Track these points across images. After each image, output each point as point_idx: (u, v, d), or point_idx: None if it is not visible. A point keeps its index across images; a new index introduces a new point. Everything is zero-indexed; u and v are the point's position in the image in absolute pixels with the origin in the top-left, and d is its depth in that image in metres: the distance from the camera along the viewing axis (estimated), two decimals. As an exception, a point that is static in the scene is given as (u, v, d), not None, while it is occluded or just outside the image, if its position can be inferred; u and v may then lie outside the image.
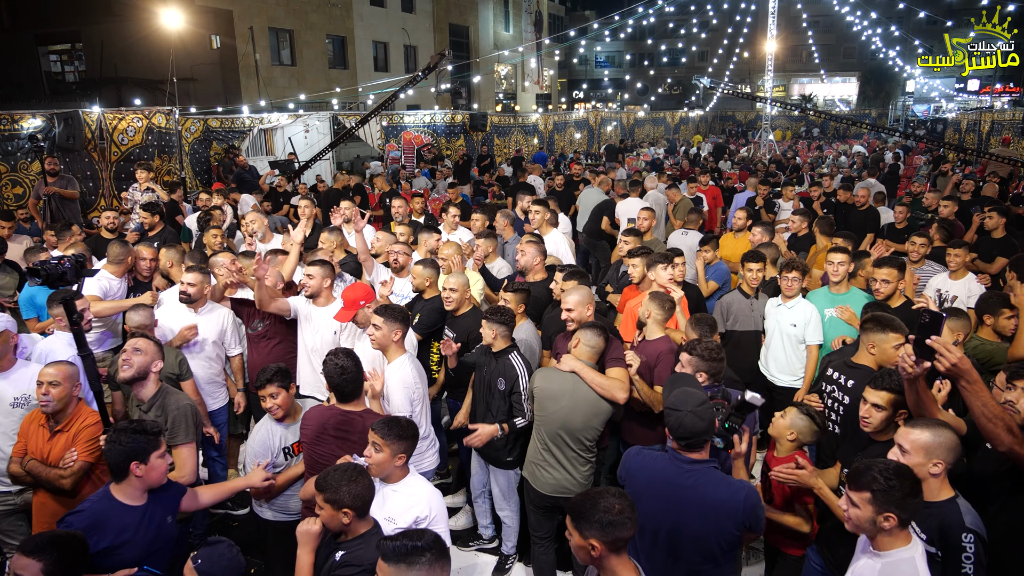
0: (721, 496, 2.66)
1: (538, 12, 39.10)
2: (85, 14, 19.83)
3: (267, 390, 3.48)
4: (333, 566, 2.58)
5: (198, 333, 4.53)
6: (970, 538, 2.42)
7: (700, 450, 2.73)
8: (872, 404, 3.03)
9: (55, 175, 9.05)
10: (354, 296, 4.26)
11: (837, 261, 4.86)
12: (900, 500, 2.26)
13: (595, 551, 2.18)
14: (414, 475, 3.07)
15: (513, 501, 4.18)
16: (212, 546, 2.51)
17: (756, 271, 5.07)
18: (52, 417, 3.42)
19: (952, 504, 2.53)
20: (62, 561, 2.36)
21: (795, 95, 47.63)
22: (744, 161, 21.39)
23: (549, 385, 3.60)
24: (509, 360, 3.88)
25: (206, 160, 13.47)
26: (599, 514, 2.17)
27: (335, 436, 3.27)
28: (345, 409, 3.34)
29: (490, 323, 3.86)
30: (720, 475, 2.74)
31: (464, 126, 19.62)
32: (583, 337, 3.60)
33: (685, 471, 2.69)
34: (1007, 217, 6.54)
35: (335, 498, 2.53)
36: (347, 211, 6.97)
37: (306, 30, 23.47)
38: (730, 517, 2.65)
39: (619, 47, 45.23)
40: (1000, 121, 20.91)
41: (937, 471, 2.51)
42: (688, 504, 2.66)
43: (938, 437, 2.51)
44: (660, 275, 4.70)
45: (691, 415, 2.67)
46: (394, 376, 3.76)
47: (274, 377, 3.48)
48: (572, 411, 3.54)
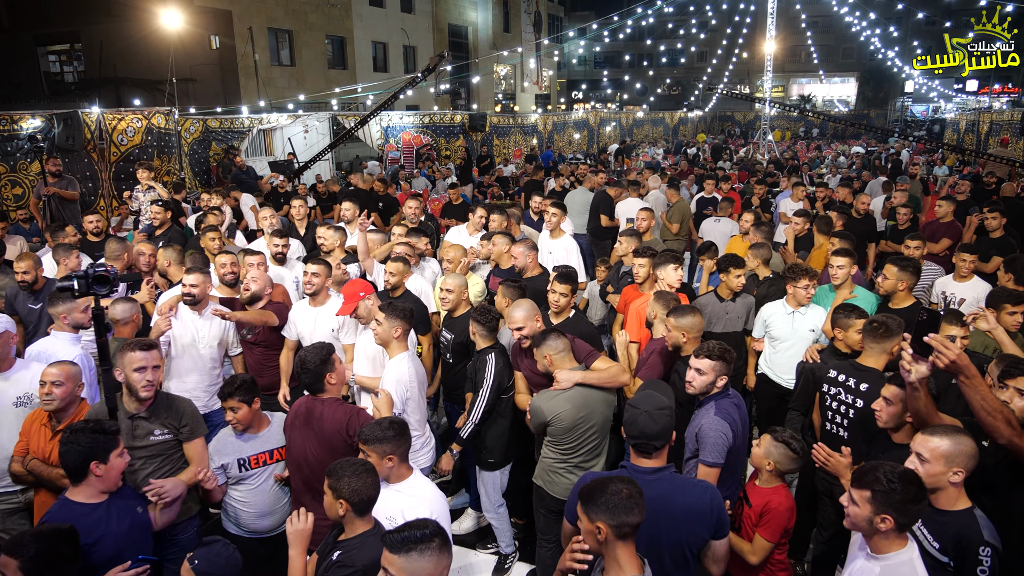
0: (690, 500, 2.64)
1: (537, 12, 39.11)
2: (84, 14, 19.81)
3: (228, 403, 3.43)
4: (329, 565, 2.57)
5: (171, 327, 4.36)
6: (987, 552, 2.39)
7: (657, 456, 2.70)
8: (883, 397, 3.06)
9: (57, 176, 9.05)
10: (353, 290, 4.32)
11: (838, 265, 4.84)
12: (899, 504, 2.23)
13: (601, 535, 2.19)
14: (417, 475, 3.08)
15: (497, 503, 4.18)
16: (208, 546, 2.50)
17: (735, 277, 4.94)
18: (54, 416, 3.43)
19: (970, 515, 2.49)
20: (40, 558, 2.32)
21: (794, 95, 47.67)
22: (743, 161, 21.41)
23: (571, 409, 3.46)
24: (484, 359, 3.97)
25: (205, 160, 13.47)
26: (607, 496, 2.19)
27: (303, 423, 3.45)
28: (311, 398, 3.51)
29: (472, 322, 3.98)
30: (682, 478, 2.72)
31: (463, 126, 19.63)
32: (548, 349, 3.56)
33: (649, 483, 2.58)
34: (1008, 217, 6.57)
35: (336, 486, 2.56)
36: (348, 212, 7.01)
37: (305, 30, 23.47)
38: (700, 520, 2.63)
39: (618, 47, 45.23)
40: (998, 121, 20.95)
41: (957, 479, 2.47)
42: (660, 515, 2.58)
43: (959, 445, 2.47)
44: (670, 275, 4.69)
45: (646, 415, 2.66)
46: (390, 372, 3.80)
47: (237, 391, 3.40)
48: (601, 418, 3.56)
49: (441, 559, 2.09)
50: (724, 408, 3.26)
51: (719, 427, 3.16)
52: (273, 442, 3.57)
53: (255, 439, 3.52)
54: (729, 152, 24.78)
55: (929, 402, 2.78)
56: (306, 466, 3.38)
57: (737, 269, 4.96)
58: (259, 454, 3.51)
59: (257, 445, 3.52)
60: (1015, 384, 2.74)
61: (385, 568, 2.09)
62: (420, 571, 2.05)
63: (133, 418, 3.32)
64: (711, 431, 3.17)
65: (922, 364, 2.60)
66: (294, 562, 2.66)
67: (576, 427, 3.47)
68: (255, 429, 3.54)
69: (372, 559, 2.46)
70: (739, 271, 4.96)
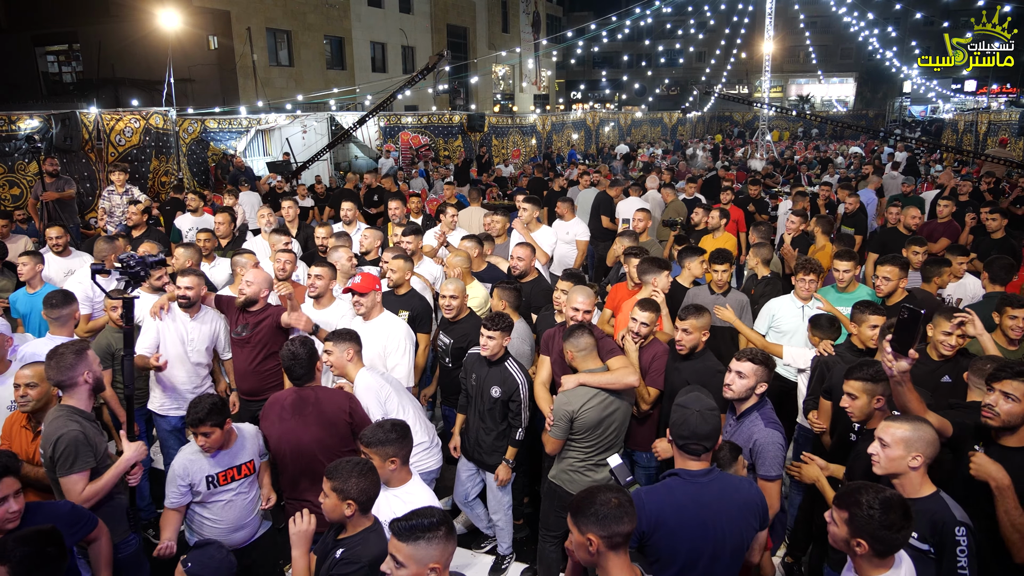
0: (743, 496, 2.65)
1: (536, 13, 39.12)
2: (82, 15, 19.80)
3: (201, 429, 3.21)
4: (333, 563, 2.57)
5: (169, 308, 4.47)
6: (962, 531, 2.42)
7: (703, 457, 2.68)
8: (846, 393, 3.15)
9: (54, 176, 9.03)
10: (373, 277, 4.44)
11: (843, 269, 4.89)
12: (875, 530, 2.16)
13: (592, 546, 2.15)
14: (415, 480, 3.05)
15: (507, 504, 4.20)
16: (201, 548, 2.51)
17: (722, 272, 5.03)
18: (33, 417, 3.41)
19: (938, 499, 2.53)
20: (27, 560, 2.29)
21: (793, 96, 47.70)
22: (741, 162, 21.42)
23: (591, 404, 3.46)
24: (506, 368, 3.88)
25: (203, 161, 13.45)
26: (596, 507, 2.14)
27: (293, 414, 3.47)
28: (296, 389, 3.55)
29: (489, 330, 3.84)
30: (730, 476, 2.73)
31: (462, 127, 19.62)
32: (571, 346, 3.54)
33: (704, 485, 2.62)
34: (1008, 219, 6.57)
35: (343, 488, 2.54)
36: (348, 212, 7.05)
37: (304, 31, 23.45)
38: (754, 514, 2.65)
39: (617, 47, 45.21)
40: (996, 122, 20.95)
41: (916, 464, 2.52)
42: (721, 517, 2.58)
43: (917, 431, 2.53)
44: (660, 281, 4.71)
45: (697, 415, 2.65)
46: (359, 388, 3.73)
47: (208, 416, 3.20)
48: (622, 416, 3.57)
49: (447, 547, 2.14)
50: (770, 417, 3.21)
51: (774, 439, 3.11)
52: (242, 455, 3.43)
53: (224, 454, 3.37)
54: (724, 149, 24.78)
55: (915, 397, 2.79)
56: (305, 453, 3.44)
57: (719, 264, 5.03)
58: (228, 470, 3.37)
59: (226, 460, 3.38)
60: (1000, 387, 2.72)
61: (393, 555, 2.12)
62: (427, 558, 2.09)
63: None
64: (768, 444, 3.10)
65: (902, 360, 2.64)
66: (298, 562, 2.66)
67: (597, 425, 3.47)
68: (225, 445, 3.40)
69: (376, 554, 2.50)
70: (722, 266, 5.02)
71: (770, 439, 3.11)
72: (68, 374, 3.20)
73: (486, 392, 3.91)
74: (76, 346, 3.27)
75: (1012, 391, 2.69)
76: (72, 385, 3.23)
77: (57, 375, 3.20)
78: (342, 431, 3.49)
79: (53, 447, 3.05)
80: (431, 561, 2.09)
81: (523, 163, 20.69)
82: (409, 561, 2.08)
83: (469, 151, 19.42)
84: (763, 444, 3.11)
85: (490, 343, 3.83)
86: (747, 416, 3.25)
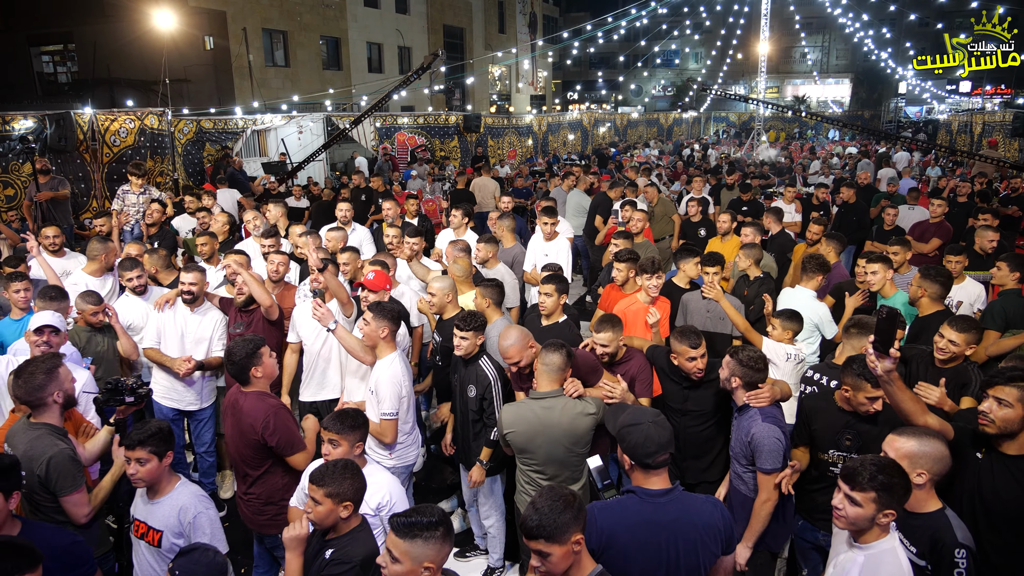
0: (704, 518, 2.50)
1: (532, 13, 39.14)
2: (78, 15, 19.75)
3: (136, 453, 2.75)
4: (323, 564, 2.58)
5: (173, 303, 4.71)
6: (963, 554, 2.41)
7: (662, 472, 2.53)
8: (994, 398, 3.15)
9: (46, 174, 8.99)
10: (385, 276, 4.59)
11: (871, 271, 4.90)
12: (902, 496, 2.31)
13: (545, 557, 2.13)
14: (372, 464, 3.20)
15: (497, 508, 4.11)
16: (187, 554, 2.43)
17: (712, 275, 4.98)
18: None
19: (942, 517, 2.51)
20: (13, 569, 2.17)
21: (788, 97, 47.79)
22: (739, 162, 21.45)
23: (518, 428, 3.31)
24: (479, 366, 3.85)
25: (199, 161, 13.43)
26: (551, 516, 2.10)
27: (231, 412, 3.51)
28: (238, 389, 3.53)
29: (462, 329, 3.79)
30: (691, 496, 2.60)
31: (458, 127, 19.61)
32: (541, 357, 3.34)
33: (661, 505, 2.47)
34: (999, 219, 6.62)
35: (338, 491, 2.55)
36: (347, 213, 7.08)
37: (300, 31, 23.42)
38: (714, 538, 2.50)
39: (613, 48, 45.23)
40: (991, 122, 21.01)
41: (920, 481, 2.49)
42: (678, 539, 2.45)
43: (924, 447, 2.50)
44: (647, 284, 4.73)
45: (653, 425, 2.53)
46: (384, 372, 3.77)
47: (148, 440, 2.76)
48: (552, 445, 3.29)
49: (443, 547, 2.15)
50: (769, 412, 3.23)
51: (771, 433, 3.14)
52: (160, 520, 2.84)
53: (155, 505, 2.86)
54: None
55: (909, 396, 2.80)
56: (236, 453, 3.51)
57: (710, 267, 5.01)
58: (140, 522, 2.92)
59: (145, 513, 2.89)
60: (994, 393, 2.71)
61: (389, 550, 2.13)
62: (422, 557, 2.11)
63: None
64: (765, 438, 3.14)
65: (885, 360, 2.65)
66: (291, 564, 2.67)
67: (518, 446, 3.35)
68: (156, 494, 2.87)
69: (366, 552, 2.53)
70: (712, 269, 5.00)
71: (767, 433, 3.15)
72: (36, 395, 3.07)
73: (465, 391, 3.93)
74: (47, 364, 3.13)
75: (1005, 396, 2.68)
76: (41, 405, 3.11)
77: (25, 395, 3.06)
78: (251, 444, 3.38)
79: (46, 468, 2.95)
80: (426, 560, 2.11)
81: (519, 163, 20.68)
82: (404, 557, 2.10)
83: (465, 151, 19.41)
84: (760, 438, 3.16)
85: (463, 343, 3.81)
86: (746, 411, 3.30)
